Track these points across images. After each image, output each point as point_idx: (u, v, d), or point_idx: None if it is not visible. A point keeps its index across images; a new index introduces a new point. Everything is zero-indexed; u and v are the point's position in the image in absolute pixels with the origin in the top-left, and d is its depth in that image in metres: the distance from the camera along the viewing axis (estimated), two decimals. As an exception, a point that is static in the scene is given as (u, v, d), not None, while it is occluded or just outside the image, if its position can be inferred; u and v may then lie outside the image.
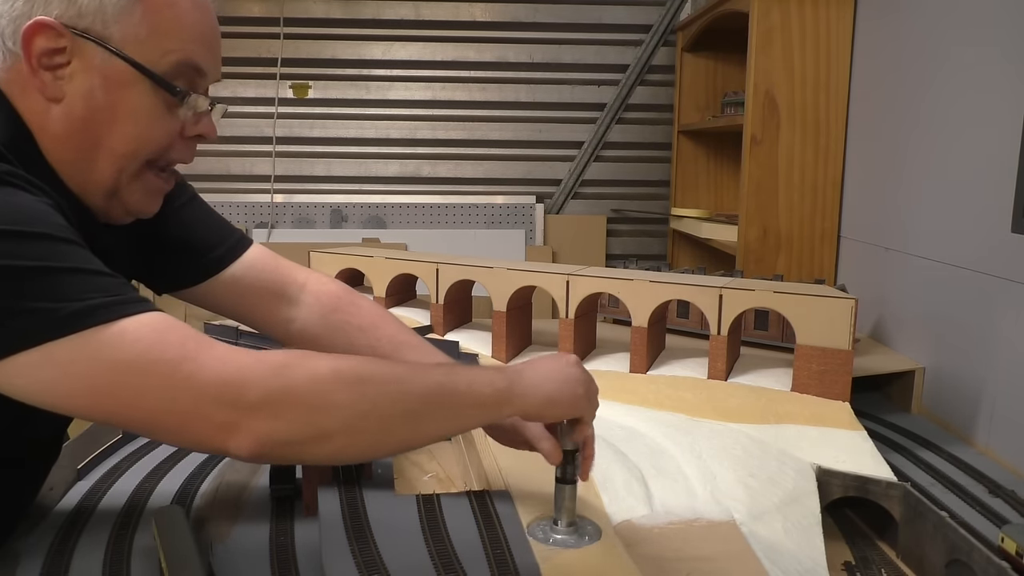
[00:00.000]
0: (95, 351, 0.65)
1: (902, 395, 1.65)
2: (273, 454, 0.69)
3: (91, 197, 0.82)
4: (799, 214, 2.30)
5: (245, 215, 3.25)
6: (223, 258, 1.01)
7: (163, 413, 0.67)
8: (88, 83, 0.76)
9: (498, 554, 0.86)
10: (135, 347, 0.66)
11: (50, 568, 0.90)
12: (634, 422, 1.31)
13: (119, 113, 0.78)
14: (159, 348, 0.67)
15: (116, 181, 0.81)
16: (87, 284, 0.67)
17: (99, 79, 0.76)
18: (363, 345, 1.01)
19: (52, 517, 1.02)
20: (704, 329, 1.65)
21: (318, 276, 1.07)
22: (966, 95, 1.63)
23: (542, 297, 1.64)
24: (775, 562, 0.91)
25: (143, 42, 0.77)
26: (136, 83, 0.78)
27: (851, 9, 2.19)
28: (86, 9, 0.74)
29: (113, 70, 0.76)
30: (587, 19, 3.25)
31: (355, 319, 1.03)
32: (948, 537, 0.98)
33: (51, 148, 0.78)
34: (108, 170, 0.80)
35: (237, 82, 3.19)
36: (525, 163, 3.35)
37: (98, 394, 0.67)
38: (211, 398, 0.66)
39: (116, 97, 0.77)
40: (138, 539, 0.96)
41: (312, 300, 1.04)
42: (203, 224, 1.02)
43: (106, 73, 0.76)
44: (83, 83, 0.76)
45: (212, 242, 1.01)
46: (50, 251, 0.66)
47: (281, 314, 1.04)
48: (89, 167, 0.79)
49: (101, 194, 0.82)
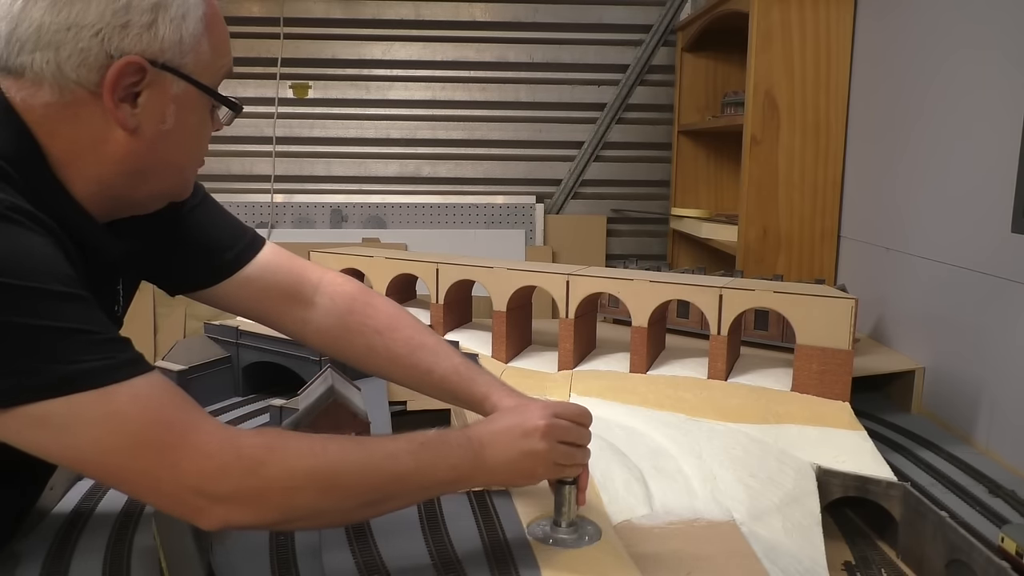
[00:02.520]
0: (86, 421, 0.68)
1: (902, 395, 1.65)
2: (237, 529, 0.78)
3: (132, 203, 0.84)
4: (799, 214, 2.30)
5: (245, 215, 3.25)
6: (237, 260, 1.01)
7: (144, 489, 0.73)
8: (162, 110, 0.78)
9: (498, 554, 0.86)
10: (123, 428, 0.69)
11: (50, 569, 0.90)
12: (634, 422, 1.30)
13: (185, 132, 0.81)
14: (147, 432, 0.70)
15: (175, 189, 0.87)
16: (81, 346, 0.68)
17: (173, 106, 0.79)
18: (380, 347, 1.02)
19: (52, 517, 1.02)
20: (704, 329, 1.65)
21: (332, 276, 1.06)
22: (966, 95, 1.63)
23: (542, 297, 1.64)
24: (775, 562, 0.91)
25: (208, 65, 0.81)
26: (202, 103, 0.82)
27: (851, 9, 2.19)
28: (167, 44, 0.76)
29: (187, 96, 0.80)
30: (587, 19, 3.25)
31: (371, 320, 1.03)
32: (948, 537, 0.98)
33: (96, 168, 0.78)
34: (167, 181, 0.85)
35: (237, 82, 3.19)
36: (525, 163, 3.34)
37: (84, 464, 0.71)
38: (189, 488, 0.71)
39: (184, 118, 0.80)
40: (138, 539, 0.96)
41: (327, 301, 1.04)
42: (216, 225, 1.02)
43: (180, 100, 0.79)
44: (156, 110, 0.78)
45: (225, 243, 1.01)
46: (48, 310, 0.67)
47: (296, 315, 1.04)
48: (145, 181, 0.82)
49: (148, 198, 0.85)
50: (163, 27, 0.76)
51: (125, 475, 0.71)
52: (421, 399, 1.48)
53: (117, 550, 0.94)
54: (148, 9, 0.75)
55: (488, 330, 1.63)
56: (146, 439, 0.70)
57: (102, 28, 0.73)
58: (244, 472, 0.72)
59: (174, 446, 0.70)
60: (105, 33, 0.73)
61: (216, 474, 0.71)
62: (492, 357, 1.58)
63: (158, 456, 0.70)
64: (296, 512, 0.75)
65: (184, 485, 0.71)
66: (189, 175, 0.88)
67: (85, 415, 0.68)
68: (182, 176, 0.87)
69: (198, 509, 0.72)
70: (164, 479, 0.70)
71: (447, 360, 1.00)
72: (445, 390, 1.00)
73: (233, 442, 0.73)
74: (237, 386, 1.55)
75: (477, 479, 0.85)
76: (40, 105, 0.75)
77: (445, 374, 0.99)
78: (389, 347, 1.01)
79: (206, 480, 0.71)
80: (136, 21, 0.74)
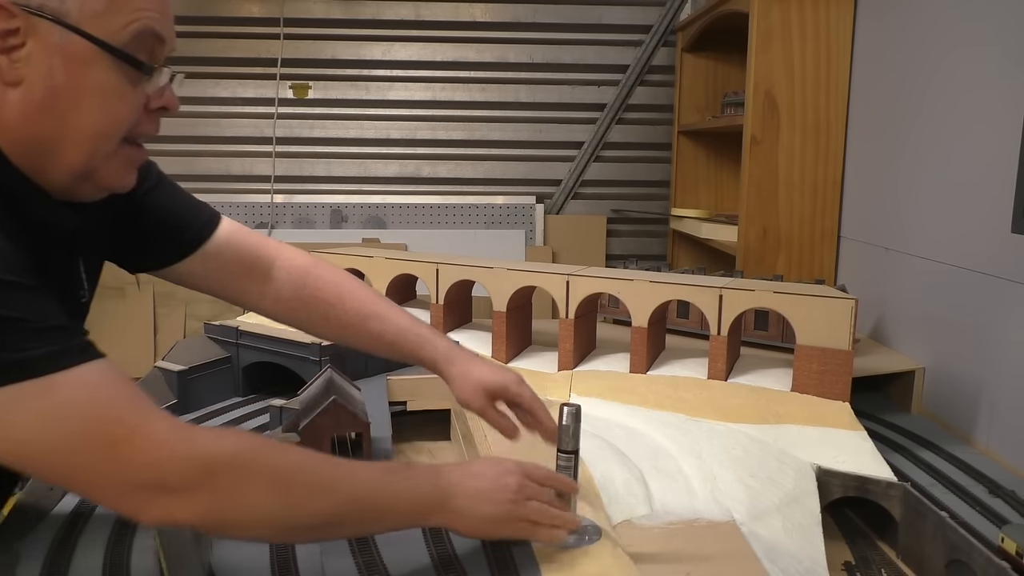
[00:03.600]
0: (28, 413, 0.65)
1: (902, 395, 1.65)
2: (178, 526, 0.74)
3: (55, 180, 0.77)
4: (799, 214, 2.30)
5: (245, 215, 3.25)
6: (198, 236, 1.01)
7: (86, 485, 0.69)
8: (47, 64, 0.71)
9: (498, 554, 0.86)
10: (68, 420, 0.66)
11: (50, 568, 0.90)
12: (634, 422, 1.31)
13: (83, 93, 0.73)
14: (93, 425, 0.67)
15: (88, 163, 0.77)
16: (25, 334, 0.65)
17: (59, 58, 0.71)
18: (333, 317, 1.06)
19: (52, 517, 1.02)
20: (704, 329, 1.65)
21: (288, 250, 1.10)
22: (966, 95, 1.63)
23: (542, 297, 1.64)
24: (775, 562, 0.91)
25: (100, 16, 0.72)
26: (98, 60, 0.73)
27: (851, 9, 2.19)
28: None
29: (73, 48, 0.71)
30: (587, 19, 3.25)
31: (323, 293, 1.07)
32: (948, 537, 0.98)
33: (5, 133, 0.73)
34: (78, 153, 0.75)
35: (237, 82, 3.19)
36: (525, 163, 3.34)
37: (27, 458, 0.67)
38: (134, 481, 0.68)
39: (78, 77, 0.72)
40: (138, 539, 0.96)
41: (284, 275, 1.07)
42: (175, 204, 1.01)
43: (66, 52, 0.71)
44: (41, 64, 0.71)
45: (184, 222, 1.01)
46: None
47: (255, 288, 1.07)
48: (54, 150, 0.75)
49: (69, 176, 0.77)
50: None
51: (68, 471, 0.68)
52: (421, 399, 1.48)
53: (117, 550, 0.94)
54: None
55: (488, 330, 1.63)
56: (93, 432, 0.66)
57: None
58: (195, 463, 0.69)
59: (123, 440, 0.67)
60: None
61: (165, 463, 0.68)
62: (492, 357, 1.58)
63: (105, 450, 0.67)
64: (242, 514, 0.72)
65: (129, 480, 0.67)
66: (110, 151, 0.78)
67: (27, 406, 0.65)
68: (98, 150, 0.76)
69: (142, 503, 0.68)
70: (110, 474, 0.67)
71: (394, 325, 1.05)
72: (397, 351, 1.07)
73: (187, 433, 0.71)
74: (237, 386, 1.55)
75: (437, 518, 0.82)
76: None
77: (394, 339, 1.05)
78: (340, 316, 1.06)
79: (154, 469, 0.67)
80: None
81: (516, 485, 0.84)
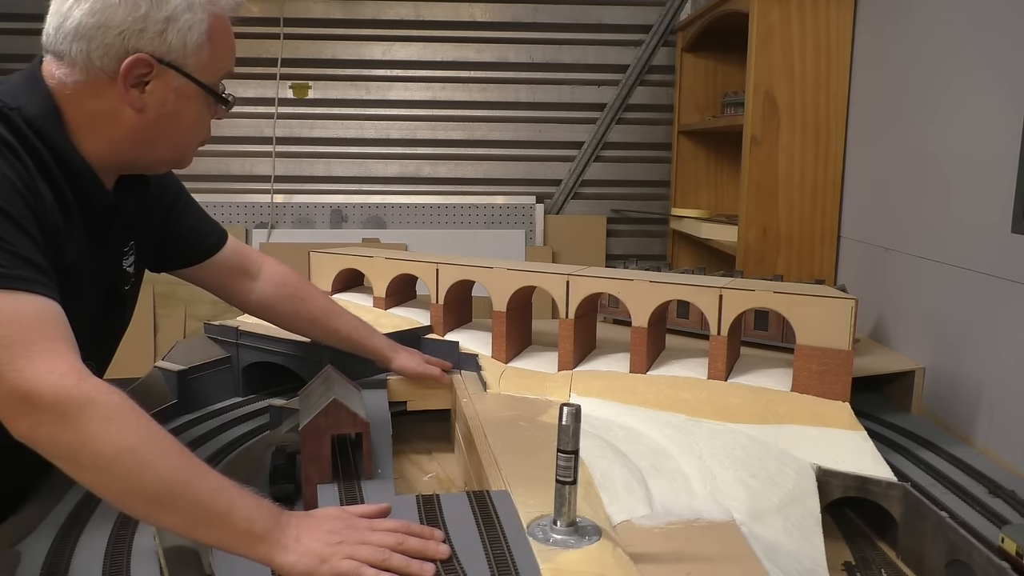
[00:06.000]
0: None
1: (902, 395, 1.65)
2: (34, 447, 0.81)
3: (140, 165, 1.09)
4: (799, 214, 2.30)
5: (245, 215, 3.25)
6: (214, 246, 1.33)
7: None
8: (163, 97, 1.01)
9: (498, 554, 0.86)
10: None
11: (50, 568, 0.90)
12: (634, 422, 1.30)
13: (183, 118, 1.04)
14: (8, 336, 0.80)
15: (173, 160, 1.11)
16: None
17: (172, 95, 1.01)
18: (304, 312, 1.39)
19: (52, 517, 1.02)
20: (704, 329, 1.65)
21: (270, 260, 1.41)
22: (966, 95, 1.63)
23: (542, 297, 1.64)
24: (775, 562, 0.91)
25: (207, 67, 1.03)
26: (197, 96, 1.04)
27: (851, 9, 2.19)
28: (173, 47, 0.99)
29: (183, 88, 1.02)
30: (587, 19, 3.25)
31: (297, 292, 1.40)
32: (948, 537, 0.98)
33: (111, 134, 1.01)
34: (168, 153, 1.08)
35: (237, 82, 3.19)
36: (525, 163, 3.35)
37: None
38: (17, 395, 0.79)
39: (182, 107, 1.03)
40: (138, 539, 0.96)
41: (268, 277, 1.38)
42: (199, 220, 1.32)
43: (179, 91, 1.02)
44: (159, 96, 1.01)
45: (205, 234, 1.32)
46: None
47: (244, 287, 1.37)
48: (151, 150, 1.06)
49: (157, 163, 1.10)
50: (171, 35, 0.98)
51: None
52: (421, 399, 1.49)
53: (117, 550, 0.94)
54: (161, 20, 0.97)
55: (488, 330, 1.63)
56: (4, 341, 0.80)
57: (124, 30, 0.96)
58: (73, 395, 0.79)
59: (25, 356, 0.80)
60: (126, 34, 0.96)
61: (47, 384, 0.79)
62: (492, 357, 1.58)
63: (6, 356, 0.79)
64: (91, 458, 0.79)
65: (14, 389, 0.79)
66: (188, 150, 1.10)
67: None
68: (181, 151, 1.09)
69: (15, 412, 0.80)
70: (2, 377, 0.79)
71: (348, 323, 1.42)
72: (349, 343, 1.41)
73: (82, 374, 0.81)
74: (237, 386, 1.55)
75: (264, 549, 0.82)
76: (71, 83, 0.98)
77: (348, 333, 1.41)
78: (310, 311, 1.39)
79: (35, 384, 0.79)
80: (151, 28, 0.97)
81: (347, 526, 0.85)
